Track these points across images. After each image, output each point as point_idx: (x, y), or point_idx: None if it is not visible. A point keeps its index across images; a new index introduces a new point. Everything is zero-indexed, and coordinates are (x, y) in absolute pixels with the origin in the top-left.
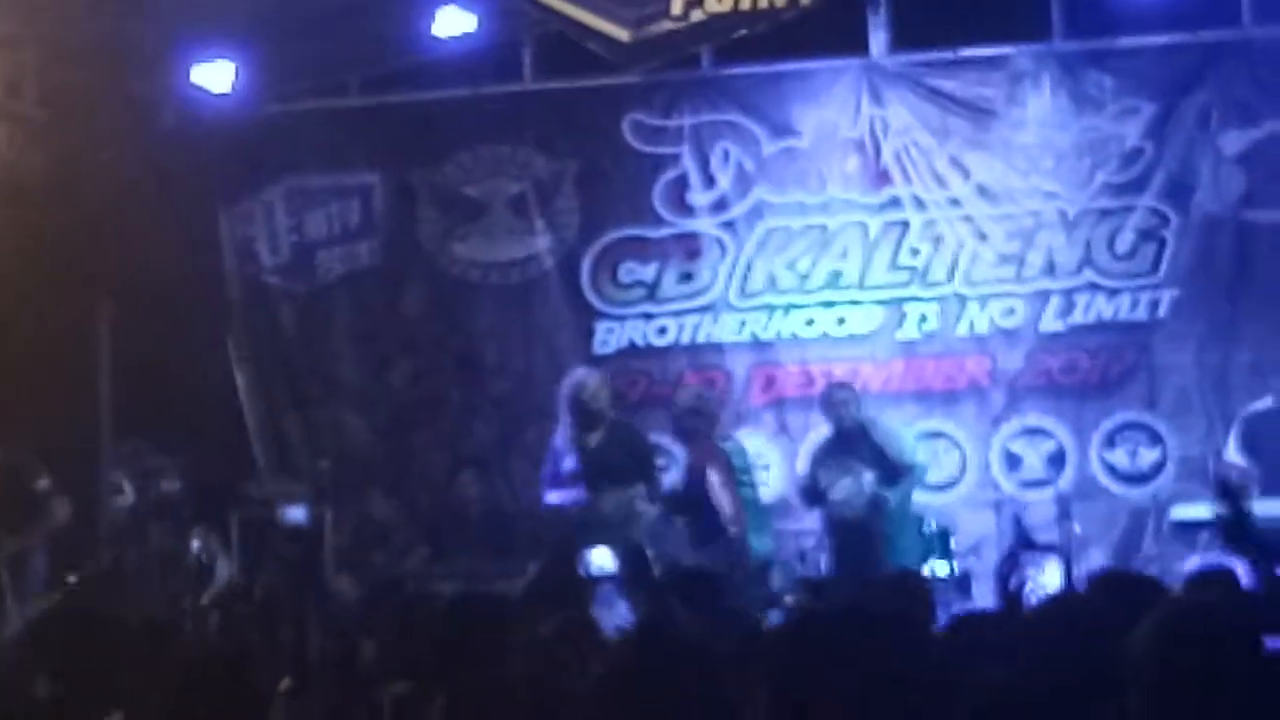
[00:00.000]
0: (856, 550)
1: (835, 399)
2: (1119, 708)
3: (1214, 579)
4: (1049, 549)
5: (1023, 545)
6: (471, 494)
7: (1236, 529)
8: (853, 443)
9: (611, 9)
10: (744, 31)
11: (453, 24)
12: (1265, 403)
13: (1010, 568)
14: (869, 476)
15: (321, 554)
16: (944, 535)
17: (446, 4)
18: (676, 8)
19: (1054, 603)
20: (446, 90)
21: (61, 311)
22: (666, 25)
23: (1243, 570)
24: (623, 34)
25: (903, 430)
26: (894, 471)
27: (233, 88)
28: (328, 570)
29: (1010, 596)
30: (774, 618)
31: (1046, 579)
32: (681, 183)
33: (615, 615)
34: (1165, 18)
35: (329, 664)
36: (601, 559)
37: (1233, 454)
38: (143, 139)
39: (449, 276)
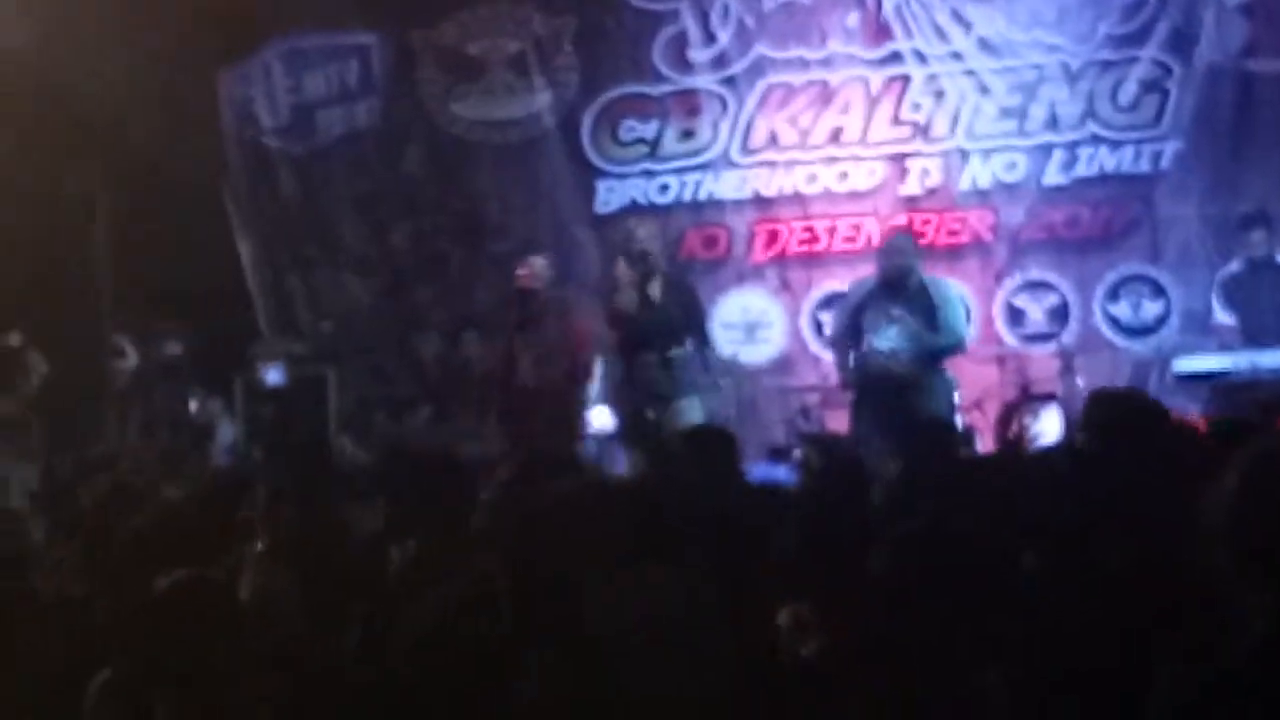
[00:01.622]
0: (889, 406)
1: (895, 246)
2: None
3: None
4: (1049, 398)
5: (1023, 396)
6: (473, 354)
7: None
8: (904, 295)
9: None
10: None
11: None
12: (1235, 264)
13: (1009, 417)
14: (917, 330)
15: (326, 414)
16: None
17: None
18: None
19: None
20: None
21: (59, 186)
22: None
23: None
24: None
25: (957, 299)
26: (941, 336)
27: None
28: (330, 430)
29: (1008, 444)
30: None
31: (1045, 428)
32: (681, 39)
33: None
34: None
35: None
36: (601, 418)
37: (1219, 313)
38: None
39: (449, 136)
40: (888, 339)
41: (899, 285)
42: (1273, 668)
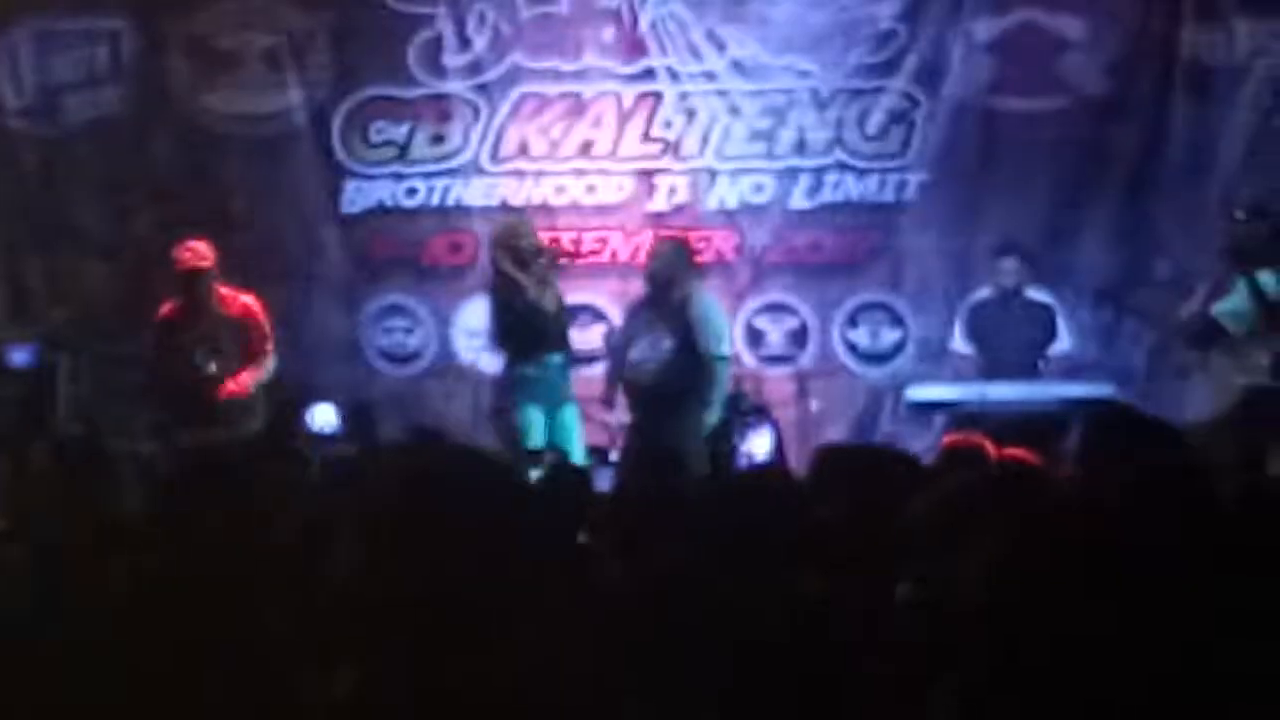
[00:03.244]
0: (639, 419)
1: (656, 253)
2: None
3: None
4: (762, 417)
5: (737, 412)
6: None
7: None
8: (667, 306)
9: None
10: None
11: None
12: (984, 292)
13: (720, 436)
14: (669, 344)
15: (54, 401)
16: None
17: None
18: None
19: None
20: None
21: None
22: None
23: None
24: None
25: (719, 315)
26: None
27: None
28: (59, 417)
29: (716, 464)
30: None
31: (756, 448)
32: (436, 44)
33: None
34: None
35: None
36: (325, 416)
37: (958, 341)
38: None
39: (198, 127)
40: (641, 350)
41: (661, 296)
42: None
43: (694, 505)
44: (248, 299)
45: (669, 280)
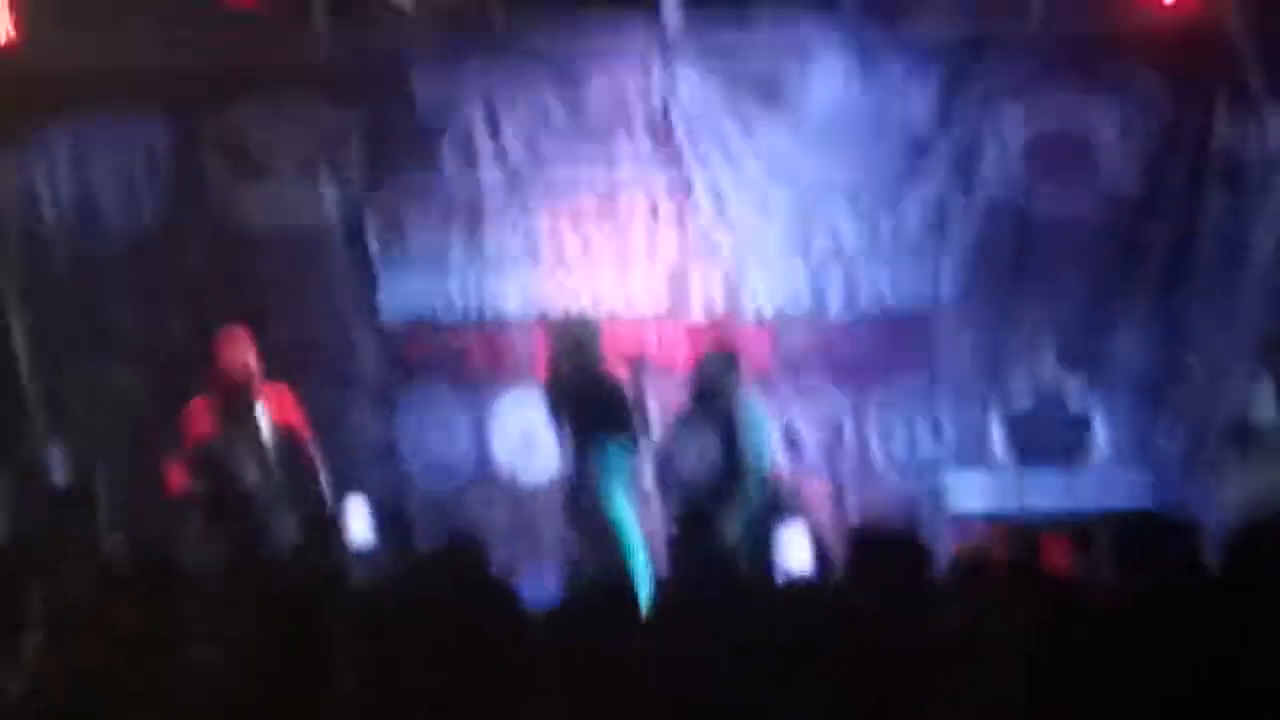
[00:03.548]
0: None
1: (703, 364)
2: None
3: None
4: (801, 522)
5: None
6: None
7: None
8: (712, 414)
9: None
10: None
11: None
12: (1021, 392)
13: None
14: (715, 452)
15: (93, 509)
16: None
17: None
18: None
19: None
20: (234, 42)
21: None
22: None
23: None
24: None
25: (765, 424)
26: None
27: (11, 33)
28: (100, 526)
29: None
30: None
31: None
32: (469, 141)
33: None
34: (955, 3)
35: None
36: (361, 523)
37: (995, 444)
38: None
39: (233, 228)
40: (688, 459)
41: (708, 406)
42: None
43: (737, 620)
44: (286, 396)
45: (716, 391)
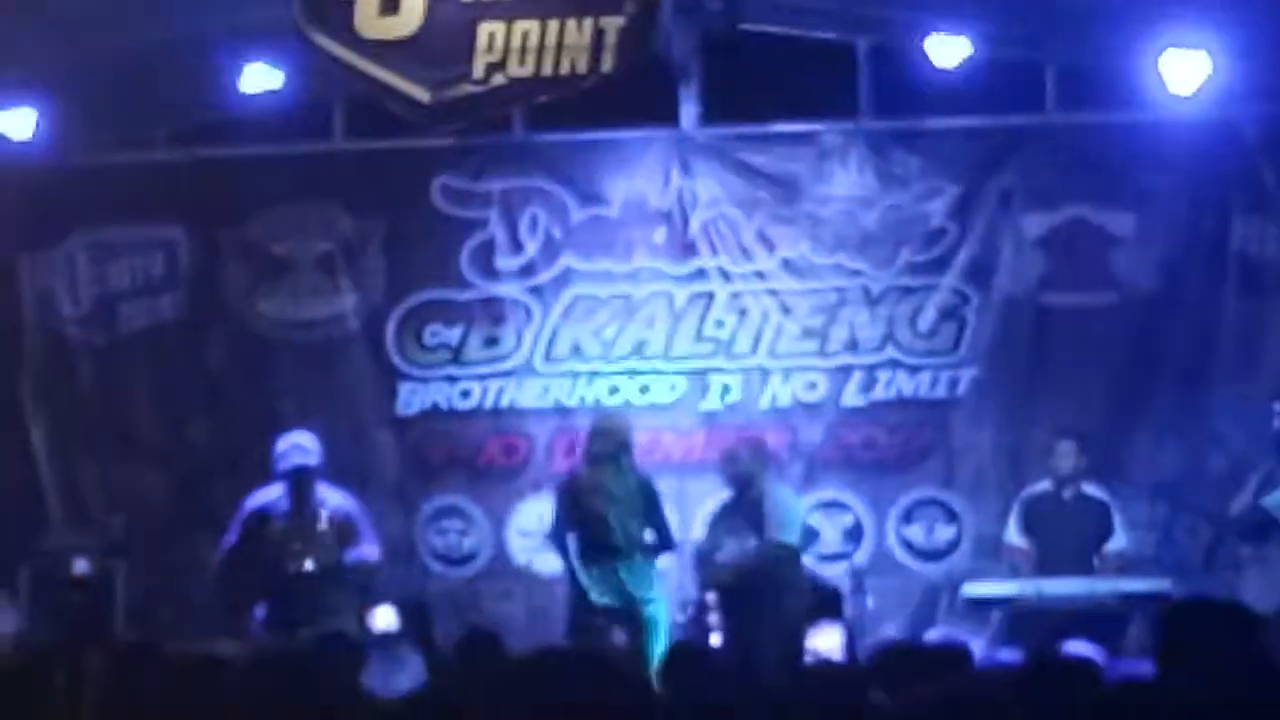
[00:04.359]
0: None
1: (727, 455)
2: None
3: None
4: (833, 614)
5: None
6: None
7: None
8: (743, 504)
9: (413, 70)
10: (545, 98)
11: (260, 80)
12: (1039, 485)
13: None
14: (753, 542)
15: (111, 608)
16: None
17: (254, 61)
18: (478, 71)
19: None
20: (254, 147)
21: None
22: (468, 88)
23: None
24: (423, 95)
25: (795, 512)
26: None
27: (35, 136)
28: (117, 624)
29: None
30: None
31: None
32: (489, 247)
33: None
34: (970, 100)
35: None
36: (386, 618)
37: (1013, 534)
38: None
39: (253, 333)
40: (728, 552)
41: (741, 498)
42: None
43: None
44: (346, 498)
45: (748, 481)
